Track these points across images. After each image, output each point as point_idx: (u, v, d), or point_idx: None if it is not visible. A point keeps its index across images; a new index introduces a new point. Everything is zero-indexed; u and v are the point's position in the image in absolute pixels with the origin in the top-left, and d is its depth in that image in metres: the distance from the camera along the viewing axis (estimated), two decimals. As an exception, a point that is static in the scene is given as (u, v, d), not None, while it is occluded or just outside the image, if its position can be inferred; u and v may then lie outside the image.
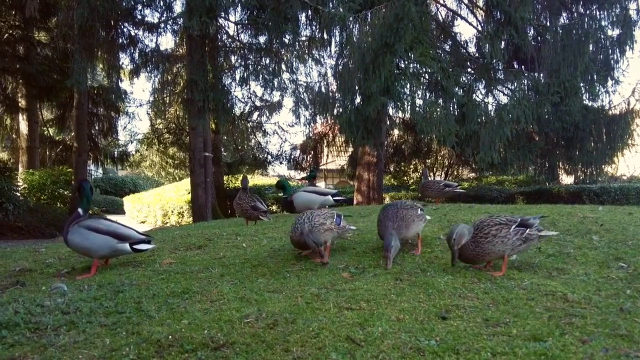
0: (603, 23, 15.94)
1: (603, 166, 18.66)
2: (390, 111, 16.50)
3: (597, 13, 16.17)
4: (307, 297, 3.24)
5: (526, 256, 4.21)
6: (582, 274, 3.72)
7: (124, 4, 13.85)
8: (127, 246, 4.34)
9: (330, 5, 13.52)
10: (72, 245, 4.41)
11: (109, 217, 21.14)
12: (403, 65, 14.22)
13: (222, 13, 14.42)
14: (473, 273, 3.70)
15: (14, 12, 15.25)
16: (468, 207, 7.13)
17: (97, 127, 21.47)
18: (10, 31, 15.86)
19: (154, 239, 4.56)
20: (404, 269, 3.92)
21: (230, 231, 6.06)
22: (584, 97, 16.96)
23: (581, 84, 15.99)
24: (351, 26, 13.55)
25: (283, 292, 3.42)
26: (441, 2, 18.74)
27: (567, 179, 21.35)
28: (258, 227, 6.38)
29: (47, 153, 22.14)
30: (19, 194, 15.50)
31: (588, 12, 16.26)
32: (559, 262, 4.04)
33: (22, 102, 19.14)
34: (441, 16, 18.85)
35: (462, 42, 17.67)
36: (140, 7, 14.24)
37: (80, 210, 4.48)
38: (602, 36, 15.96)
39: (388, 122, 18.06)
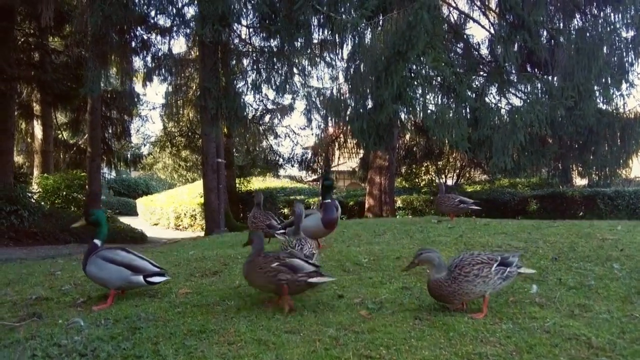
0: (617, 25, 15.72)
1: (617, 169, 18.45)
2: (403, 116, 16.42)
3: (612, 15, 15.94)
4: (325, 341, 3.20)
5: (547, 289, 4.15)
6: (605, 311, 3.66)
7: (137, 10, 13.87)
8: (140, 278, 4.34)
9: (342, 9, 13.43)
10: (90, 276, 4.44)
11: (121, 218, 21.28)
12: (415, 70, 14.15)
13: (234, 19, 14.36)
14: (493, 312, 3.65)
15: (28, 21, 15.39)
16: (484, 225, 7.05)
17: (110, 131, 21.58)
18: (25, 38, 16.00)
19: (167, 271, 4.53)
20: (422, 304, 3.88)
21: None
22: (598, 101, 16.75)
23: (595, 87, 15.78)
24: (364, 33, 13.48)
25: (301, 332, 3.39)
26: (453, 4, 18.57)
27: (580, 181, 21.17)
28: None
29: (61, 156, 22.29)
30: (34, 201, 15.66)
31: (602, 14, 16.06)
32: (580, 296, 3.98)
33: (37, 108, 19.31)
34: (453, 18, 18.66)
35: (475, 44, 17.46)
36: (153, 14, 14.25)
37: (96, 241, 4.49)
38: (616, 38, 15.75)
39: (400, 126, 17.99)
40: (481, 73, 16.40)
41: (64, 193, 19.09)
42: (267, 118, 23.13)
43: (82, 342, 3.42)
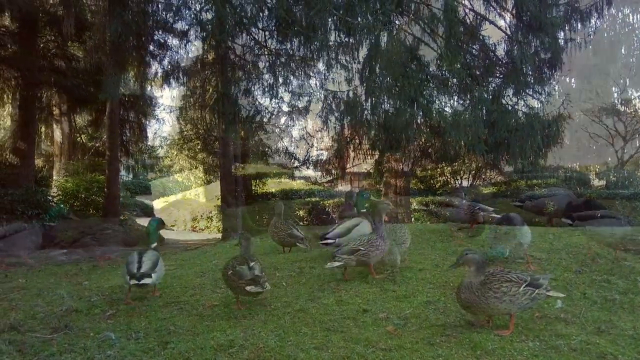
0: (636, 25, 15.53)
1: (636, 171, 18.30)
2: (419, 119, 16.41)
3: (630, 15, 15.77)
4: (354, 358, 3.26)
5: (571, 303, 4.17)
6: (630, 327, 3.68)
7: (156, 16, 14.02)
8: (127, 278, 4.70)
9: (359, 13, 13.44)
10: None
11: (138, 220, 21.46)
12: (432, 73, 14.16)
13: (252, 23, 14.44)
14: (519, 329, 3.68)
15: (49, 28, 15.69)
16: (504, 233, 7.04)
17: (128, 134, 21.78)
18: (45, 45, 16.31)
19: (151, 278, 4.71)
20: (448, 320, 3.91)
21: (268, 263, 6.09)
22: (617, 102, 16.59)
23: (613, 89, 15.59)
24: (380, 37, 13.51)
25: (329, 349, 3.45)
26: (469, 6, 18.48)
27: (598, 183, 21.06)
28: (295, 259, 6.36)
29: (80, 159, 22.53)
30: (54, 205, 15.88)
31: (620, 14, 15.89)
32: (604, 312, 3.99)
33: (56, 112, 19.59)
34: (469, 19, 18.55)
35: (490, 45, 17.34)
36: (171, 20, 14.39)
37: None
38: (634, 39, 15.57)
39: (415, 128, 18.00)
40: (497, 74, 16.31)
41: (83, 196, 19.31)
42: (282, 120, 23.23)
43: (115, 356, 3.52)
